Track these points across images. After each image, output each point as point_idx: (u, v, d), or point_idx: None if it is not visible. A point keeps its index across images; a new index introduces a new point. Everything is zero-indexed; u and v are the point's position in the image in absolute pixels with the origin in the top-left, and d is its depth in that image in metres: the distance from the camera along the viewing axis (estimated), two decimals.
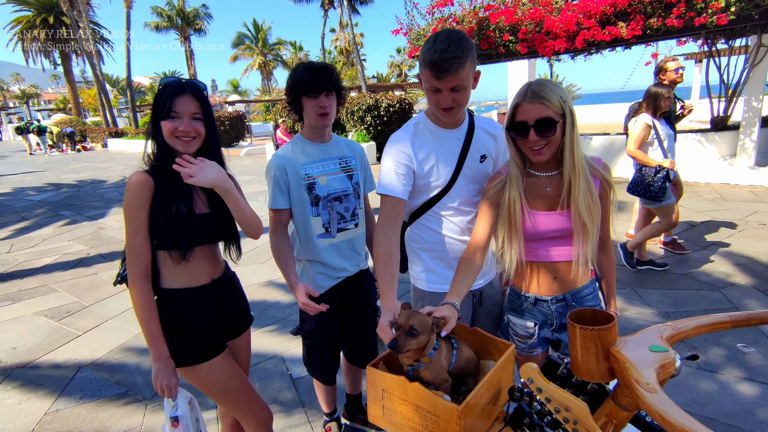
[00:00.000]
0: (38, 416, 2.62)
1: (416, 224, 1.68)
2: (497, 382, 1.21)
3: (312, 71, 1.69)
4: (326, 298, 1.85)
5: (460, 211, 1.62)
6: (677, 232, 5.12)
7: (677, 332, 0.99)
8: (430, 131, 1.58)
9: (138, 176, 1.43)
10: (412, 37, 9.39)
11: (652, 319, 3.27)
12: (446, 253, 1.65)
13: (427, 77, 1.41)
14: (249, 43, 43.61)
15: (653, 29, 6.71)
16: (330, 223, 1.84)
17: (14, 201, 10.17)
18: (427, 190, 1.59)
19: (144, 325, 1.43)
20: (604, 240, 1.55)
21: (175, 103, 1.42)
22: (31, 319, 3.95)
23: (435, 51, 1.34)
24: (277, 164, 1.77)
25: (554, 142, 1.37)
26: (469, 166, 1.59)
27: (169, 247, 1.47)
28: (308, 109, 1.73)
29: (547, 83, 1.37)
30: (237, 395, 1.61)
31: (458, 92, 1.41)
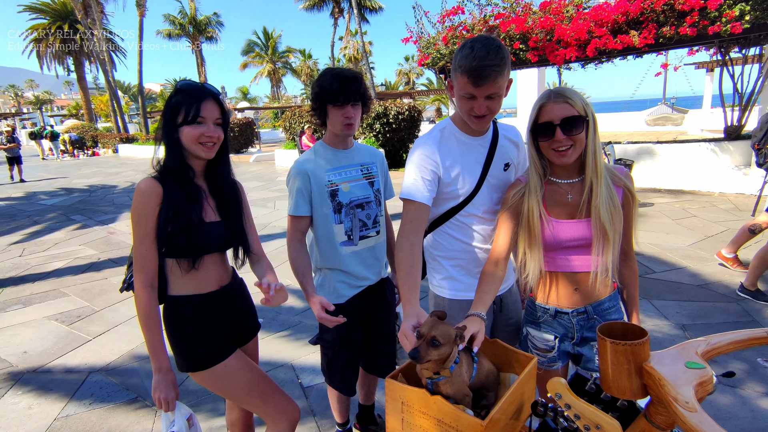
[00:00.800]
0: (48, 421, 2.61)
1: (438, 232, 1.65)
2: (520, 396, 1.18)
3: (340, 80, 1.65)
4: (348, 308, 1.83)
5: (483, 220, 1.60)
6: (691, 243, 5.05)
7: (712, 348, 0.95)
8: (457, 138, 1.56)
9: (146, 183, 1.39)
10: (422, 45, 9.43)
11: (668, 331, 3.20)
12: (468, 262, 1.63)
13: (462, 84, 1.38)
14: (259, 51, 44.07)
15: (666, 38, 6.68)
16: (352, 231, 1.81)
17: (27, 205, 10.28)
18: (451, 197, 1.57)
19: (146, 335, 1.40)
20: (626, 251, 1.52)
21: (203, 108, 1.40)
22: (42, 323, 3.96)
23: (474, 58, 1.31)
24: (299, 170, 1.75)
25: (579, 143, 1.35)
26: (494, 174, 1.58)
27: (178, 256, 1.44)
28: (334, 117, 1.71)
29: (569, 88, 1.38)
30: (261, 390, 1.55)
31: (493, 100, 1.40)
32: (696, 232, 5.42)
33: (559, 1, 7.69)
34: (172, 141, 1.42)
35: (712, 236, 5.25)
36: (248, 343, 1.71)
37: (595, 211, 1.38)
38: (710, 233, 5.36)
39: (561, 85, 1.45)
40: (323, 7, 30.55)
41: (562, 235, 1.43)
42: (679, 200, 7.09)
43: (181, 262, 1.44)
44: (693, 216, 6.17)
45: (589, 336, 1.50)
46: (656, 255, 4.75)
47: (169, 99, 1.43)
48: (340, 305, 1.83)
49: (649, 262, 4.57)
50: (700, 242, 5.08)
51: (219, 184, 1.54)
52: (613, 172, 1.44)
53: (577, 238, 1.43)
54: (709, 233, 5.37)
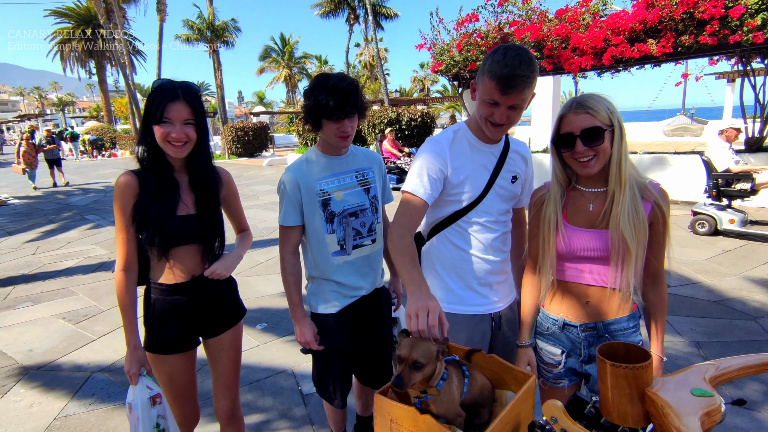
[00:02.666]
0: (47, 421, 2.61)
1: (438, 238, 1.59)
2: (516, 416, 1.11)
3: (337, 95, 1.55)
4: (340, 318, 1.78)
5: (486, 228, 1.55)
6: (708, 258, 4.90)
7: (721, 373, 0.89)
8: (469, 142, 1.54)
9: (123, 177, 1.51)
10: (436, 52, 9.40)
11: (682, 348, 3.09)
12: (466, 272, 1.57)
13: (489, 89, 1.35)
14: (276, 57, 44.60)
15: (685, 47, 6.54)
16: (345, 240, 1.75)
17: (44, 204, 10.49)
18: (455, 201, 1.52)
19: (121, 313, 1.56)
20: (656, 273, 1.41)
21: (168, 109, 1.43)
22: (50, 321, 3.99)
23: (505, 65, 1.29)
24: (289, 180, 1.69)
25: (603, 153, 1.31)
26: (501, 184, 1.55)
27: (149, 244, 1.53)
28: (329, 130, 1.63)
29: (594, 95, 1.32)
30: (176, 393, 1.68)
31: (515, 111, 1.38)
32: (714, 246, 5.26)
33: (576, 9, 7.61)
34: (149, 138, 1.49)
35: (730, 251, 5.09)
36: (222, 335, 1.73)
37: (614, 221, 1.31)
38: (729, 247, 5.20)
39: (584, 93, 1.39)
40: (339, 14, 30.81)
41: (577, 244, 1.38)
42: None
43: (152, 251, 1.56)
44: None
45: None
46: (671, 269, 4.60)
47: (147, 97, 1.50)
48: (332, 315, 1.78)
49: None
50: (717, 256, 4.93)
51: (196, 178, 1.59)
52: (646, 186, 1.36)
53: (592, 248, 1.37)
54: (728, 247, 5.20)
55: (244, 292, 1.84)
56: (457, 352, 1.34)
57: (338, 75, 1.61)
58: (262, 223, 7.39)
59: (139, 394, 1.52)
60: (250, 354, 3.21)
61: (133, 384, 1.53)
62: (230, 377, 1.79)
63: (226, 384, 1.79)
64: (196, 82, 1.58)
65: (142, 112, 1.70)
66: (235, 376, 1.81)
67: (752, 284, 4.11)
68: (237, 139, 19.66)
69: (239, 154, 19.95)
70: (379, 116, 12.97)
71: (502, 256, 1.59)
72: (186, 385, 1.70)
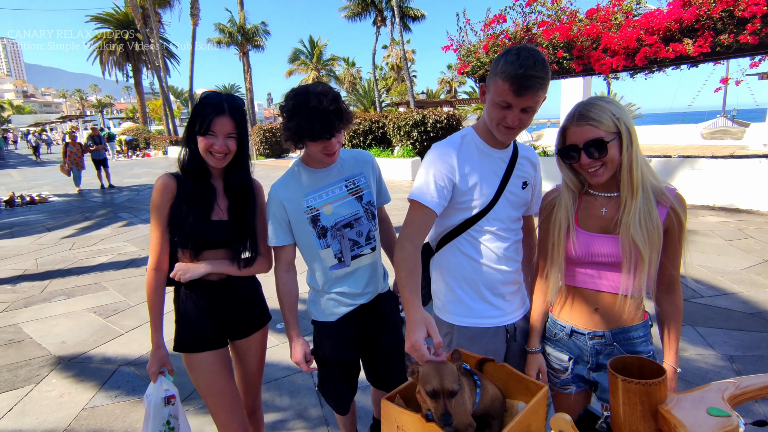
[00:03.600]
0: (76, 411, 2.71)
1: (448, 248, 1.53)
2: (526, 427, 1.09)
3: (320, 117, 1.44)
4: (340, 326, 1.75)
5: (498, 237, 1.49)
6: (745, 267, 4.67)
7: (742, 392, 0.84)
8: (477, 147, 1.47)
9: (163, 179, 1.57)
10: (462, 54, 9.32)
11: (714, 362, 2.95)
12: (478, 283, 1.50)
13: (501, 90, 1.30)
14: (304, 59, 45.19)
15: (724, 46, 6.26)
16: (343, 253, 1.68)
17: (81, 202, 10.95)
18: (465, 208, 1.46)
19: (148, 311, 1.60)
20: (671, 281, 1.36)
21: (214, 123, 1.49)
22: (81, 314, 4.16)
23: (520, 66, 1.25)
24: (273, 199, 1.63)
25: (611, 162, 1.28)
26: (512, 190, 1.50)
27: (182, 246, 1.59)
28: (314, 149, 1.53)
29: (598, 102, 1.29)
30: (217, 400, 1.65)
31: (527, 114, 1.33)
32: (752, 255, 5.01)
33: (607, 8, 7.40)
34: (191, 144, 1.56)
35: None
36: (250, 337, 1.77)
37: (625, 228, 1.28)
38: (767, 257, 4.95)
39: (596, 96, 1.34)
40: (366, 16, 30.90)
41: (588, 249, 1.35)
42: (734, 219, 6.60)
43: (185, 252, 1.60)
44: (749, 237, 5.72)
45: (605, 363, 1.39)
46: (705, 278, 4.42)
47: (194, 107, 1.56)
48: (332, 323, 1.76)
49: (697, 285, 4.26)
50: (756, 266, 4.69)
51: (233, 187, 1.65)
52: (662, 191, 1.31)
53: (604, 254, 1.33)
54: (767, 257, 4.94)
55: (266, 292, 1.86)
56: (469, 360, 1.32)
57: (318, 90, 1.47)
58: None
59: (155, 391, 1.57)
60: (269, 353, 3.21)
61: (153, 381, 1.59)
62: (255, 376, 1.85)
63: (251, 382, 1.86)
64: (227, 85, 1.63)
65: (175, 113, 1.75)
66: (259, 375, 1.88)
67: None
68: (265, 140, 20.02)
69: (267, 155, 20.30)
70: (405, 118, 12.96)
71: (515, 266, 1.55)
72: (225, 391, 1.66)
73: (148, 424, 1.56)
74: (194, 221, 1.54)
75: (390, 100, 38.69)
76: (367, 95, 35.61)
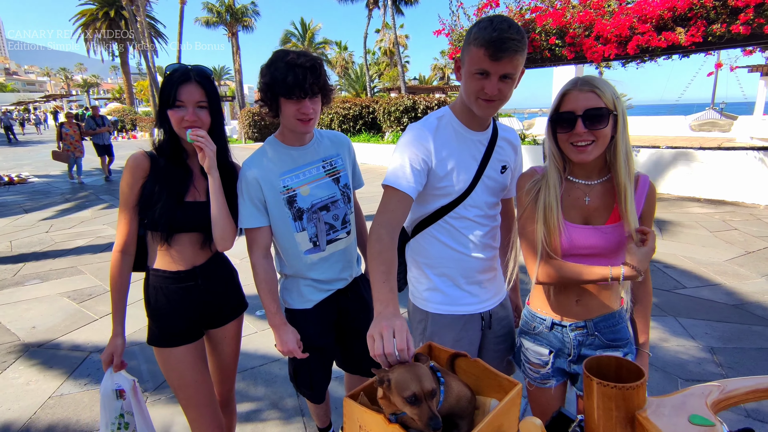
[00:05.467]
0: (42, 399, 2.61)
1: (423, 235, 1.47)
2: (497, 428, 1.02)
3: (296, 70, 1.37)
4: (317, 312, 1.68)
5: (475, 224, 1.43)
6: (729, 258, 4.68)
7: (727, 396, 0.77)
8: (455, 130, 1.39)
9: (136, 156, 1.48)
10: (454, 38, 9.16)
11: (695, 354, 2.94)
12: (455, 271, 1.45)
13: (477, 58, 1.22)
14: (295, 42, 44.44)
15: (716, 36, 6.20)
16: (318, 236, 1.61)
17: (62, 183, 10.68)
18: (442, 194, 1.40)
19: (111, 296, 1.51)
20: None
21: (180, 91, 1.41)
22: (55, 299, 4.03)
23: (494, 29, 1.18)
24: (248, 178, 1.51)
25: (602, 139, 1.20)
26: (489, 175, 1.42)
27: (152, 228, 1.49)
28: (288, 113, 1.45)
29: (600, 78, 1.22)
30: (189, 394, 1.57)
31: (506, 83, 1.25)
32: (736, 247, 5.03)
33: None
34: (164, 123, 1.47)
35: (753, 252, 4.85)
36: (225, 326, 1.69)
37: (632, 217, 1.22)
38: (752, 248, 4.96)
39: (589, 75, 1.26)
40: None
41: (571, 241, 1.28)
42: (720, 211, 6.63)
43: (155, 236, 1.51)
44: (734, 229, 5.74)
45: (587, 353, 1.36)
46: (689, 269, 4.42)
47: (161, 83, 1.47)
48: (308, 310, 1.68)
49: (680, 276, 4.25)
50: (739, 258, 4.70)
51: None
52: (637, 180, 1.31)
53: (588, 247, 1.28)
54: (751, 248, 4.96)
55: (243, 279, 1.77)
56: (441, 354, 1.25)
57: (299, 51, 1.44)
58: None
59: (105, 382, 1.49)
60: (247, 341, 3.17)
61: (104, 370, 1.50)
62: (229, 367, 1.78)
63: (225, 373, 1.78)
64: (216, 66, 1.53)
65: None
66: (234, 365, 1.79)
67: None
68: (254, 124, 19.69)
69: (255, 138, 20.00)
70: (395, 104, 12.80)
71: (492, 253, 1.48)
72: (199, 385, 1.58)
73: (102, 414, 1.49)
74: (166, 202, 1.45)
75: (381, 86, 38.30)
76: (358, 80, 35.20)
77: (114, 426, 1.48)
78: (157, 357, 1.57)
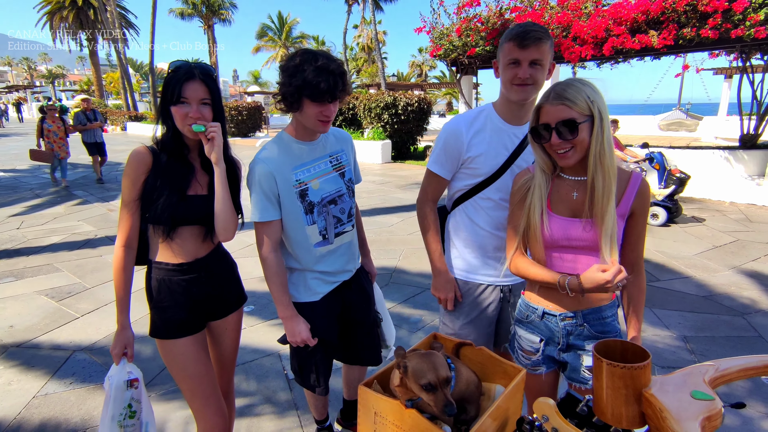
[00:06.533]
0: (26, 399, 2.55)
1: (458, 211, 1.74)
2: (505, 411, 1.08)
3: (327, 76, 1.43)
4: (323, 305, 1.73)
5: (499, 206, 1.64)
6: (698, 252, 4.91)
7: (721, 374, 0.85)
8: (492, 122, 1.63)
9: (139, 150, 1.49)
10: (435, 36, 9.24)
11: (670, 342, 3.09)
12: (479, 246, 1.70)
13: (508, 50, 1.48)
14: (272, 36, 43.78)
15: (686, 39, 6.47)
16: (327, 230, 1.67)
17: (31, 178, 10.28)
18: (471, 175, 1.65)
19: (115, 290, 1.52)
20: (634, 264, 1.42)
21: (185, 88, 1.43)
22: (32, 297, 3.91)
23: (519, 26, 1.46)
24: (262, 171, 1.54)
25: (581, 145, 1.28)
26: (520, 165, 1.60)
27: (155, 222, 1.50)
28: (311, 114, 1.50)
29: (574, 82, 1.28)
30: (193, 385, 1.59)
31: (536, 68, 1.47)
32: (704, 242, 5.28)
33: None
34: (167, 119, 1.48)
35: (720, 246, 5.11)
36: (226, 318, 1.72)
37: (600, 211, 1.29)
38: (719, 243, 5.22)
39: (572, 78, 1.33)
40: None
41: (560, 234, 1.36)
42: (689, 207, 6.93)
43: (157, 229, 1.51)
44: (702, 225, 6.02)
45: (575, 343, 1.43)
46: (662, 262, 4.63)
47: (164, 80, 1.48)
48: (316, 303, 1.72)
49: (654, 269, 4.45)
50: (707, 252, 4.94)
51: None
52: (629, 175, 1.36)
53: (576, 239, 1.35)
54: (718, 243, 5.22)
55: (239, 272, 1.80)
56: (446, 344, 1.30)
57: (325, 54, 1.49)
58: None
59: (117, 373, 1.50)
60: None
61: (115, 363, 1.52)
62: (230, 358, 1.81)
63: (225, 364, 1.80)
64: (190, 59, 1.55)
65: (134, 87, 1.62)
66: (233, 356, 1.82)
67: (741, 280, 4.13)
68: (230, 119, 19.34)
69: (232, 134, 19.66)
70: (376, 100, 12.79)
71: None
72: (202, 377, 1.60)
73: (108, 407, 1.49)
74: (169, 196, 1.46)
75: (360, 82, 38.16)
76: None
77: (122, 417, 1.49)
78: (159, 349, 1.59)
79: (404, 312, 3.62)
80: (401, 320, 3.45)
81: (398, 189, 8.76)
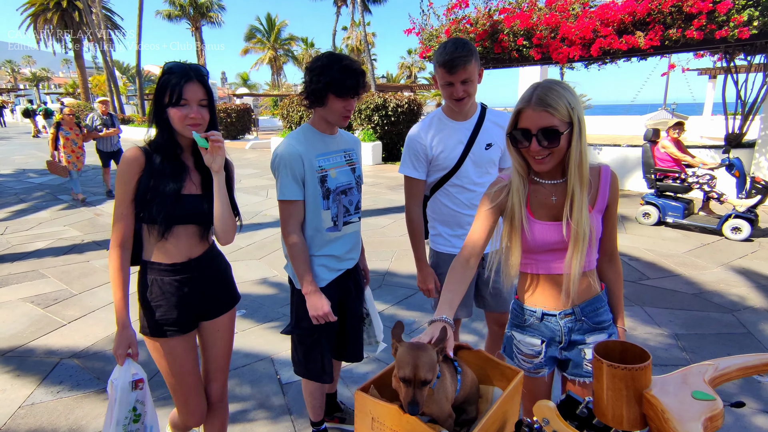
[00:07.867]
0: (12, 409, 2.49)
1: (434, 198, 2.05)
2: (503, 413, 1.07)
3: (352, 74, 1.64)
4: (327, 292, 1.81)
5: (465, 189, 1.96)
6: (687, 250, 4.97)
7: (720, 374, 0.85)
8: (444, 122, 1.94)
9: (132, 151, 1.49)
10: (424, 38, 9.25)
11: (662, 340, 3.12)
12: (452, 223, 2.02)
13: (441, 75, 1.78)
14: (261, 37, 43.57)
15: (672, 40, 6.55)
16: (338, 217, 1.82)
17: (15, 183, 10.08)
18: (438, 169, 1.96)
19: (113, 291, 1.52)
20: (611, 252, 1.48)
21: (185, 90, 1.44)
22: (17, 305, 3.82)
23: (446, 53, 1.72)
24: (291, 153, 1.69)
25: (558, 151, 1.27)
26: (475, 152, 1.92)
27: (149, 222, 1.50)
28: (334, 108, 1.69)
29: (556, 86, 1.24)
30: (175, 383, 1.64)
31: (467, 85, 1.77)
32: (692, 240, 5.35)
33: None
34: (161, 121, 1.49)
35: (709, 244, 5.18)
36: (218, 318, 1.72)
37: (577, 215, 1.29)
38: (707, 241, 5.29)
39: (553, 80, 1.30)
40: None
41: (544, 238, 1.36)
42: None
43: (152, 229, 1.51)
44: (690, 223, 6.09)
45: (576, 339, 1.44)
46: (652, 260, 4.67)
47: (159, 80, 1.48)
48: (321, 289, 1.81)
49: (644, 268, 4.49)
50: (696, 249, 5.00)
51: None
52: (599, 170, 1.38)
53: (560, 241, 1.35)
54: (707, 241, 5.29)
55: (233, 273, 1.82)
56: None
57: (348, 56, 1.71)
58: (244, 208, 7.22)
59: (122, 375, 1.48)
60: None
61: (119, 364, 1.50)
62: (224, 360, 1.80)
63: (219, 366, 1.79)
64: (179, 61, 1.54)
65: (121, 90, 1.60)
66: (227, 358, 1.82)
67: (730, 278, 4.18)
68: (219, 121, 19.19)
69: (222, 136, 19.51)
70: (366, 102, 12.78)
71: None
72: (188, 373, 1.65)
73: (113, 411, 1.46)
74: (164, 196, 1.47)
75: None
76: None
77: (127, 420, 1.47)
78: (149, 346, 1.61)
79: (398, 314, 3.61)
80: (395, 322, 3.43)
81: (389, 190, 8.75)
